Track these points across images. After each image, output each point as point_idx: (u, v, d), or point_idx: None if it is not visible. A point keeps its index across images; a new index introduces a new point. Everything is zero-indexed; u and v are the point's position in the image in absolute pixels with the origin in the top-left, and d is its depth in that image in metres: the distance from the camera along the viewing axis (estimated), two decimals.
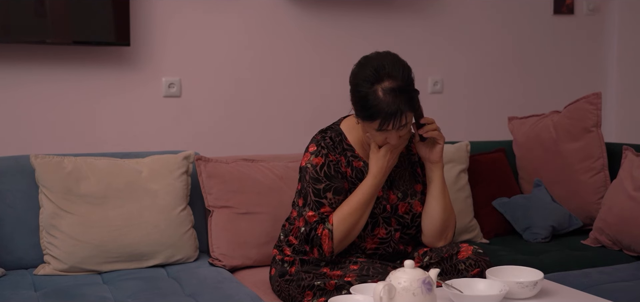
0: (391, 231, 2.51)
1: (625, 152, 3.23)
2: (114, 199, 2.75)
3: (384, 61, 2.34)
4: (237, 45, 3.77)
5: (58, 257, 2.68)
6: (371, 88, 2.30)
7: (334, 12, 3.91)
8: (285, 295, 2.49)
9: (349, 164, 2.48)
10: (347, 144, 2.50)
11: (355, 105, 2.37)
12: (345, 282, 2.34)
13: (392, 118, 2.30)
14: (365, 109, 2.32)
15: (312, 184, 2.42)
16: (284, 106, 3.88)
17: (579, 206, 3.42)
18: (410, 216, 2.52)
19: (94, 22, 3.38)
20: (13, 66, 3.39)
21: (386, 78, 2.31)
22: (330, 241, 2.39)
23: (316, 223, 2.40)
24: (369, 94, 2.30)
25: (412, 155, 2.59)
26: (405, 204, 2.52)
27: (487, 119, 4.32)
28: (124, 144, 3.54)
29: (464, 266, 2.36)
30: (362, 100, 2.32)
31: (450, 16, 4.21)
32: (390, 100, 2.28)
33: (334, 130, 2.51)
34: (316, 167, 2.43)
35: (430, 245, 2.55)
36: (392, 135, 2.35)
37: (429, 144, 2.49)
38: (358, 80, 2.35)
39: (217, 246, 2.87)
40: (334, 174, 2.43)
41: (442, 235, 2.53)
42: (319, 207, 2.41)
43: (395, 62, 2.35)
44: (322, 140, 2.47)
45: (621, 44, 4.58)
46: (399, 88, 2.30)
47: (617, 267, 2.87)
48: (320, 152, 2.44)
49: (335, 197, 2.42)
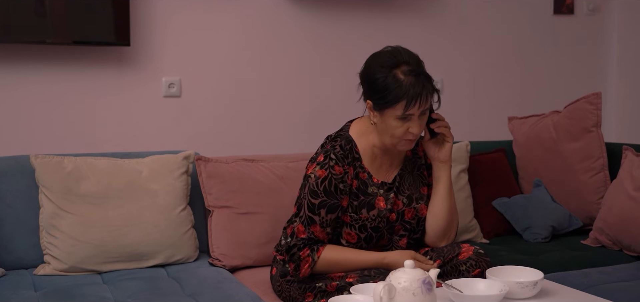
0: (394, 238, 2.49)
1: (625, 152, 3.22)
2: (114, 199, 2.75)
3: (397, 49, 2.35)
4: (237, 45, 3.77)
5: (58, 257, 2.68)
6: (390, 72, 2.29)
7: (334, 12, 3.91)
8: (286, 295, 2.49)
9: (356, 176, 2.43)
10: (356, 153, 2.44)
11: (375, 94, 2.33)
12: (346, 284, 2.34)
13: (418, 97, 2.27)
14: (389, 93, 2.28)
15: (309, 197, 2.38)
16: (284, 106, 3.88)
17: (579, 206, 3.41)
18: (416, 220, 2.51)
19: (94, 22, 3.38)
20: (13, 66, 3.39)
21: (403, 63, 2.30)
22: (309, 269, 2.39)
23: (302, 243, 2.38)
24: (388, 78, 2.28)
25: (418, 158, 2.56)
26: (411, 209, 2.49)
27: (487, 119, 4.32)
28: (124, 144, 3.54)
29: (465, 267, 2.36)
30: (383, 86, 2.29)
31: (450, 16, 4.21)
32: (413, 81, 2.27)
33: (344, 138, 2.45)
34: (318, 179, 2.38)
35: (432, 245, 2.54)
36: (415, 122, 2.32)
37: (438, 142, 2.48)
38: (374, 70, 2.33)
39: (217, 246, 2.87)
40: (333, 191, 2.38)
41: (446, 235, 2.53)
42: (310, 224, 2.38)
43: (407, 51, 2.35)
44: (331, 151, 2.41)
45: (621, 44, 4.58)
46: (418, 71, 2.30)
47: (617, 267, 2.87)
48: (326, 164, 2.39)
49: (327, 215, 2.37)
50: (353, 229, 2.43)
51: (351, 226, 2.43)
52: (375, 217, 2.43)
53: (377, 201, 2.44)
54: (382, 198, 2.45)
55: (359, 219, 2.42)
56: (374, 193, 2.44)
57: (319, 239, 2.40)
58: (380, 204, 2.44)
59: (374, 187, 2.45)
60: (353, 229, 2.43)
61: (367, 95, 2.37)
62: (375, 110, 2.36)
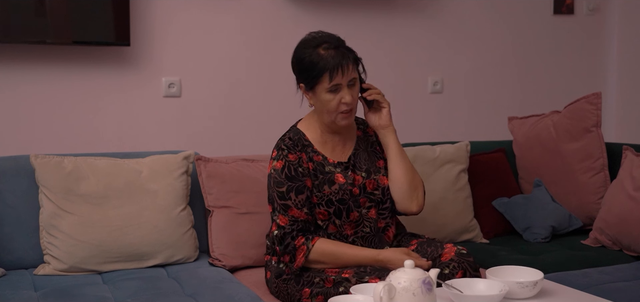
0: (362, 211, 2.56)
1: (625, 152, 3.23)
2: (114, 199, 2.75)
3: (318, 32, 2.52)
4: (237, 45, 3.77)
5: (58, 257, 2.68)
6: (314, 51, 2.46)
7: (333, 12, 3.91)
8: (284, 295, 2.50)
9: (310, 159, 2.55)
10: (306, 140, 2.58)
11: (302, 75, 2.50)
12: (343, 279, 2.36)
13: (339, 67, 2.43)
14: (312, 70, 2.45)
15: (276, 188, 2.50)
16: (284, 106, 3.87)
17: (579, 206, 3.42)
18: (380, 191, 2.59)
19: (94, 22, 3.38)
20: (13, 66, 3.39)
21: (323, 43, 2.48)
22: (304, 258, 2.45)
23: (291, 228, 2.46)
24: (311, 55, 2.46)
25: (369, 136, 2.69)
26: (372, 180, 2.58)
27: (487, 119, 4.32)
28: (124, 144, 3.54)
29: (449, 269, 2.35)
30: (307, 65, 2.46)
31: (450, 16, 4.21)
32: (333, 53, 2.45)
33: (292, 131, 2.61)
34: (278, 171, 2.51)
35: (405, 211, 2.62)
36: (345, 93, 2.46)
37: (376, 110, 2.60)
38: (300, 52, 2.50)
39: (217, 246, 2.88)
40: (295, 174, 2.49)
41: (413, 196, 2.60)
42: (287, 209, 2.47)
43: (328, 33, 2.53)
44: (281, 143, 2.56)
45: (621, 44, 4.58)
46: (337, 45, 2.48)
47: (617, 267, 2.87)
48: (280, 155, 2.53)
49: (297, 196, 2.47)
50: (321, 207, 2.52)
51: (319, 204, 2.52)
52: (337, 191, 2.52)
53: (336, 177, 2.54)
54: (340, 175, 2.55)
55: (323, 195, 2.52)
56: (332, 171, 2.55)
57: (304, 221, 2.48)
58: (340, 179, 2.54)
59: (331, 167, 2.56)
60: (321, 207, 2.52)
61: (299, 79, 2.54)
62: (308, 91, 2.53)
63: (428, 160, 3.24)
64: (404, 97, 4.07)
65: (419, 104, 4.17)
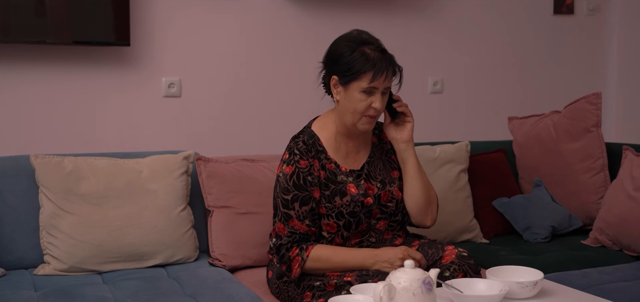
0: (371, 222, 2.51)
1: (625, 152, 3.23)
2: (114, 199, 2.75)
3: (363, 31, 2.46)
4: (236, 45, 3.77)
5: (58, 257, 2.68)
6: (357, 48, 2.40)
7: (333, 12, 3.91)
8: (284, 296, 2.50)
9: (323, 167, 2.49)
10: (320, 145, 2.51)
11: (340, 68, 2.41)
12: (345, 282, 2.34)
13: (384, 71, 2.38)
14: (355, 64, 2.37)
15: (282, 194, 2.45)
16: (284, 106, 3.88)
17: (579, 206, 3.42)
18: (394, 203, 2.54)
19: (94, 22, 3.38)
20: (13, 66, 3.39)
21: (368, 44, 2.42)
22: (299, 269, 2.41)
23: (288, 240, 2.42)
24: (355, 52, 2.39)
25: (384, 144, 2.63)
26: (386, 192, 2.53)
27: (487, 119, 4.32)
28: (124, 144, 3.54)
29: (449, 272, 2.34)
30: (350, 60, 2.39)
31: (450, 16, 4.21)
32: (379, 56, 2.39)
33: (306, 133, 2.53)
34: (286, 176, 2.45)
35: (418, 224, 2.59)
36: (377, 98, 2.40)
37: (399, 123, 2.56)
38: (341, 46, 2.43)
39: (217, 246, 2.88)
40: (303, 183, 2.43)
41: (428, 211, 2.58)
42: (288, 219, 2.42)
43: (374, 36, 2.46)
44: (294, 147, 2.49)
45: (621, 44, 4.58)
46: (383, 49, 2.43)
47: (617, 267, 2.88)
48: (291, 159, 2.46)
49: (301, 207, 2.42)
50: (330, 219, 2.47)
51: (328, 215, 2.46)
52: (349, 203, 2.46)
53: (348, 187, 2.48)
54: (352, 185, 2.49)
55: (334, 207, 2.46)
56: (344, 181, 2.49)
57: (303, 233, 2.42)
58: (352, 190, 2.48)
59: (343, 176, 2.50)
60: (330, 219, 2.47)
61: (334, 71, 2.44)
62: (340, 84, 2.43)
63: (428, 160, 3.24)
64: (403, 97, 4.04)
65: (419, 104, 4.16)
